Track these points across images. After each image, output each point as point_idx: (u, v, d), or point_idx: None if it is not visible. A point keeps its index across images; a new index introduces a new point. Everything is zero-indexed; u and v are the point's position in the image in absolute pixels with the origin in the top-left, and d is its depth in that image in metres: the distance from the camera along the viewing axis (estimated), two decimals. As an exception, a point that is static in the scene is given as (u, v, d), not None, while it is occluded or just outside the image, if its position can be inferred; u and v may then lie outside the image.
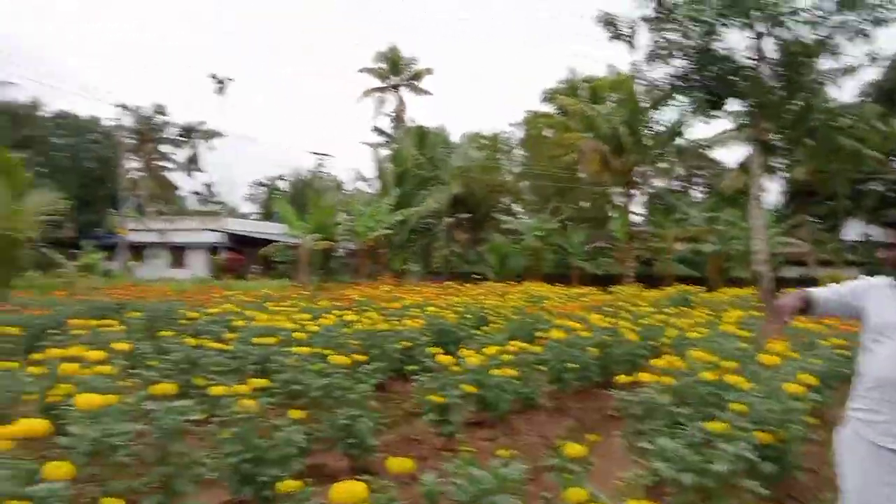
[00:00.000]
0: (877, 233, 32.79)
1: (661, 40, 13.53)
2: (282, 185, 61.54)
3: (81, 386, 3.94)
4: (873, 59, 12.96)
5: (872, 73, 34.23)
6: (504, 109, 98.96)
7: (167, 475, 3.02)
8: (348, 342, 6.93)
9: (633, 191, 32.39)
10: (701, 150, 33.94)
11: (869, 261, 28.69)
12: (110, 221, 38.70)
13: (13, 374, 4.48)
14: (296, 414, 3.81)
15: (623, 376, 4.76)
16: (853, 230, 31.64)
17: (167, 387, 3.41)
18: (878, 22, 12.31)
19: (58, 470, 2.25)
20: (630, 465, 4.20)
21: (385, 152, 35.42)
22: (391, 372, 7.26)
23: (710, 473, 3.00)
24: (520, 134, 44.78)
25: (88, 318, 7.36)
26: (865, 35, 12.50)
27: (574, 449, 3.15)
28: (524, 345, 6.57)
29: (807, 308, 2.91)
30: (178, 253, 42.11)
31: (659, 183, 41.51)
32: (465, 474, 2.48)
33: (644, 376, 4.61)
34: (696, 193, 39.38)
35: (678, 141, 29.34)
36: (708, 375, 4.61)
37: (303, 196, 40.49)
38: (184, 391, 4.97)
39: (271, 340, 6.13)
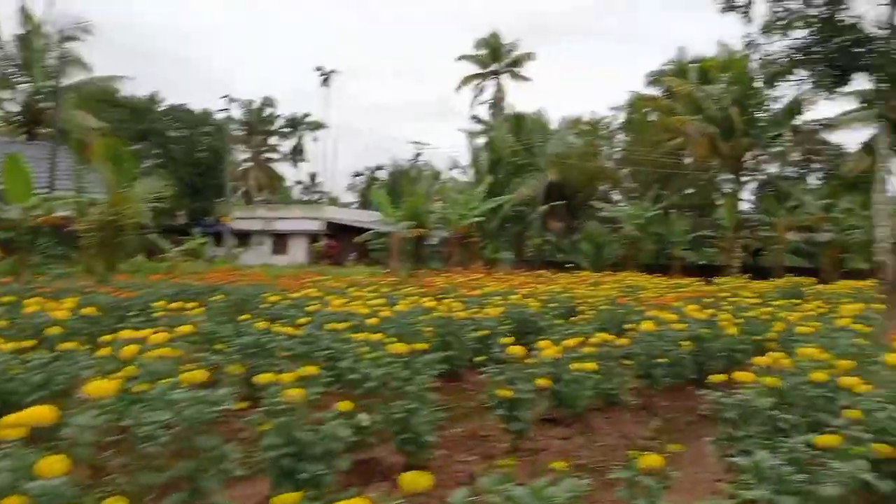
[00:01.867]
0: None
1: (781, 10, 12.44)
2: (380, 174, 62.53)
3: (142, 370, 3.84)
4: None
5: None
6: (608, 92, 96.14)
7: (192, 470, 2.81)
8: (422, 329, 6.65)
9: (742, 176, 30.54)
10: (820, 132, 31.58)
11: None
12: (218, 210, 40.49)
13: (74, 356, 4.45)
14: (344, 406, 3.54)
15: (718, 374, 4.20)
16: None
17: (198, 374, 3.21)
18: None
19: (52, 466, 2.05)
20: (719, 480, 3.67)
21: (481, 140, 35.12)
22: (467, 362, 6.92)
23: (816, 497, 2.47)
24: (622, 118, 43.21)
25: (175, 301, 7.47)
26: None
27: (650, 459, 2.69)
28: (609, 336, 6.07)
29: None
30: (280, 240, 43.57)
31: (772, 168, 39.02)
32: (502, 493, 2.09)
33: (742, 375, 4.03)
34: (813, 180, 36.61)
35: (795, 122, 27.42)
36: (818, 376, 3.99)
37: (400, 185, 40.91)
38: (241, 378, 4.87)
39: (342, 326, 5.93)
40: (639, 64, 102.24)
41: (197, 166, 48.64)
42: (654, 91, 38.23)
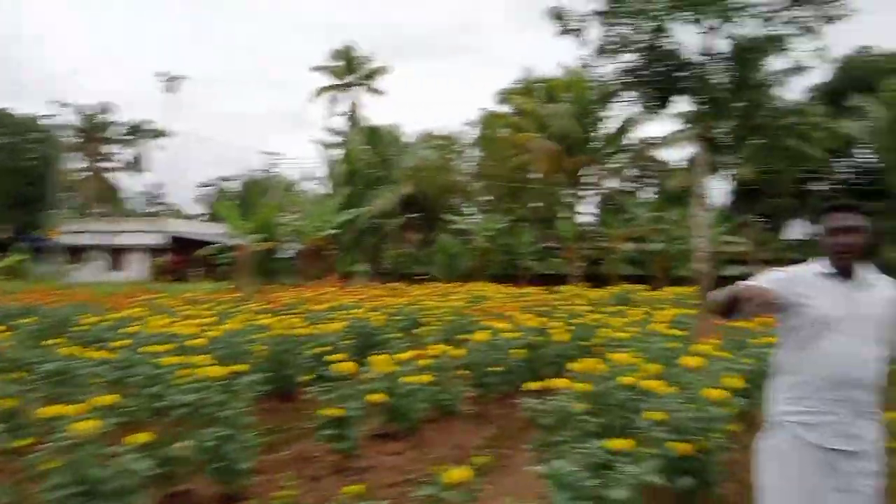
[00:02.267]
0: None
1: (611, 35, 13.27)
2: (231, 185, 60.06)
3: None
4: (821, 56, 12.89)
5: (818, 75, 34.96)
6: (462, 109, 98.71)
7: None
8: (254, 349, 6.37)
9: (583, 190, 32.41)
10: (649, 150, 34.23)
11: (811, 259, 29.14)
12: (47, 223, 37.06)
13: None
14: (142, 437, 3.26)
15: (534, 382, 4.32)
16: (796, 229, 32.14)
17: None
18: (829, 19, 12.25)
19: None
20: (534, 488, 3.75)
21: (336, 151, 34.73)
22: (304, 381, 6.71)
23: (607, 501, 2.56)
24: (475, 133, 44.47)
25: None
26: (814, 32, 12.42)
27: (457, 473, 2.68)
28: (445, 347, 6.12)
29: (734, 307, 2.52)
30: (118, 255, 40.59)
31: (610, 183, 41.71)
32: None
33: (558, 381, 4.17)
34: (646, 194, 39.59)
35: (628, 139, 29.48)
36: (627, 380, 4.21)
37: (251, 196, 39.47)
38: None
39: (162, 348, 5.53)
40: (491, 82, 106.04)
41: (24, 176, 44.28)
42: (504, 108, 39.72)
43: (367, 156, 32.50)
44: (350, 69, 46.28)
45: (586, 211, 36.35)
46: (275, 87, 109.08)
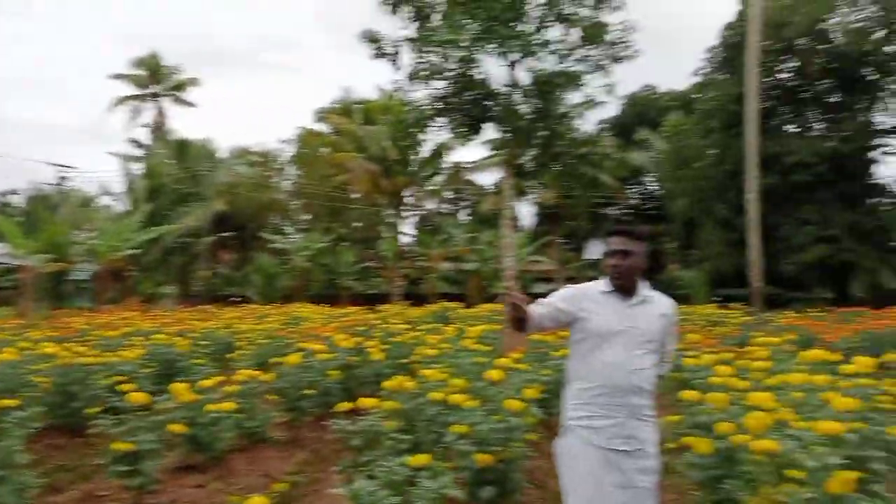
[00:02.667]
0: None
1: (422, 62, 13.63)
2: (15, 200, 53.64)
3: None
4: (609, 91, 14.12)
5: (611, 110, 38.63)
6: (278, 126, 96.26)
7: None
8: (36, 380, 5.71)
9: (403, 211, 33.01)
10: (464, 174, 35.72)
11: (599, 277, 31.95)
12: None
13: None
14: None
15: (349, 403, 4.29)
16: (594, 249, 35.06)
17: None
18: (616, 59, 13.46)
19: None
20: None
21: (139, 165, 32.32)
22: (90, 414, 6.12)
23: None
24: (292, 151, 43.64)
25: None
26: (604, 69, 13.60)
27: (254, 502, 2.57)
28: (254, 372, 5.89)
29: (524, 324, 2.77)
30: None
31: (429, 205, 42.87)
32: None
33: (367, 401, 4.17)
34: (462, 215, 41.20)
35: (444, 163, 30.54)
36: (436, 395, 4.32)
37: (38, 213, 35.51)
38: None
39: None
40: (310, 100, 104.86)
41: None
42: (322, 127, 39.47)
43: (175, 170, 30.68)
44: (155, 79, 43.57)
45: (406, 231, 37.08)
46: (71, 96, 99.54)
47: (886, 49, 24.59)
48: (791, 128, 25.74)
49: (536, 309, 2.82)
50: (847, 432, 2.98)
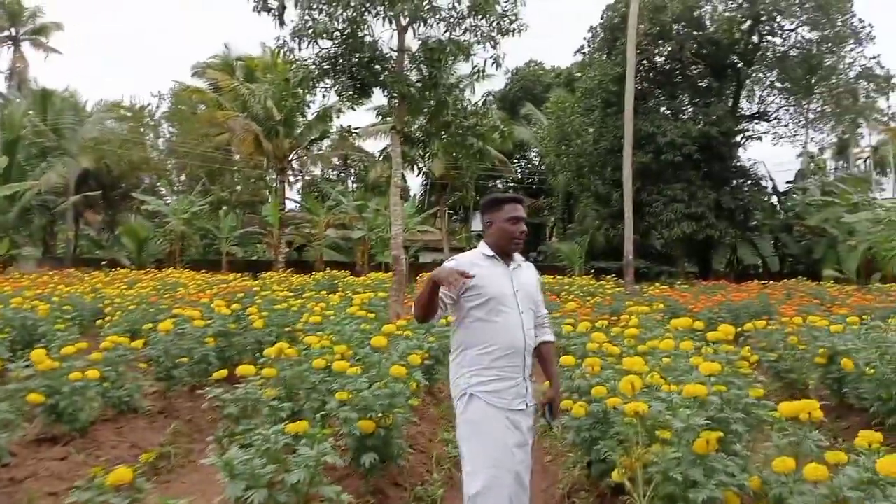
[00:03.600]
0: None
1: (308, 19, 13.13)
2: None
3: None
4: (497, 64, 14.21)
5: (498, 83, 39.09)
6: (151, 78, 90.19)
7: None
8: None
9: (288, 175, 32.06)
10: (353, 139, 35.08)
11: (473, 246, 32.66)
12: None
13: None
14: None
15: (222, 371, 4.11)
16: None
17: None
18: (503, 31, 13.52)
19: None
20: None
21: (-8, 115, 29.39)
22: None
23: (286, 486, 2.52)
24: (166, 107, 41.08)
25: None
26: (493, 41, 13.64)
27: (119, 474, 2.40)
28: (122, 339, 5.54)
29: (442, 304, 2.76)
30: None
31: (316, 170, 41.90)
32: None
33: (245, 369, 4.02)
34: (351, 182, 40.61)
35: (331, 127, 29.81)
36: (318, 363, 4.23)
37: None
38: None
39: None
40: (184, 54, 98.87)
41: None
42: (200, 83, 37.40)
43: (35, 122, 28.18)
44: (14, 20, 39.67)
45: (292, 197, 36.08)
46: None
47: (752, 38, 26.35)
48: (665, 109, 27.13)
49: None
50: (710, 395, 3.19)
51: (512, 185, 37.59)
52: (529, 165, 40.29)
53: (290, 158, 30.67)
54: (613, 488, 3.52)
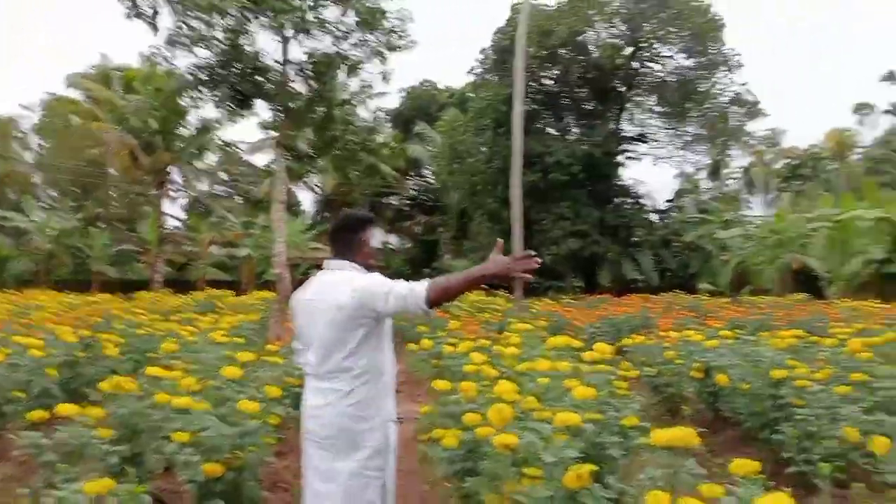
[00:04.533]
0: (391, 240, 37.31)
1: (184, 26, 12.43)
2: None
3: None
4: (386, 79, 13.98)
5: (392, 101, 38.93)
6: (22, 90, 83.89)
7: None
8: None
9: (168, 191, 30.40)
10: (238, 153, 33.86)
11: (386, 266, 32.33)
12: None
13: None
14: None
15: (40, 411, 3.55)
16: (374, 238, 35.22)
17: None
18: (392, 47, 13.33)
19: None
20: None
21: None
22: None
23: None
24: (36, 119, 38.11)
25: None
26: (381, 56, 13.41)
27: None
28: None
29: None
30: None
31: (200, 185, 40.00)
32: None
33: (68, 408, 3.46)
34: (237, 198, 39.05)
35: (214, 140, 28.61)
36: (162, 398, 3.73)
37: None
38: None
39: None
40: (56, 65, 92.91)
41: None
42: (74, 94, 34.96)
43: None
44: None
45: (173, 213, 34.20)
46: None
47: (633, 64, 27.59)
48: (553, 130, 27.86)
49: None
50: (585, 422, 2.99)
51: (407, 201, 37.47)
52: (423, 183, 40.34)
53: (169, 173, 29.12)
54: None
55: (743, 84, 28.34)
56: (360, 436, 2.54)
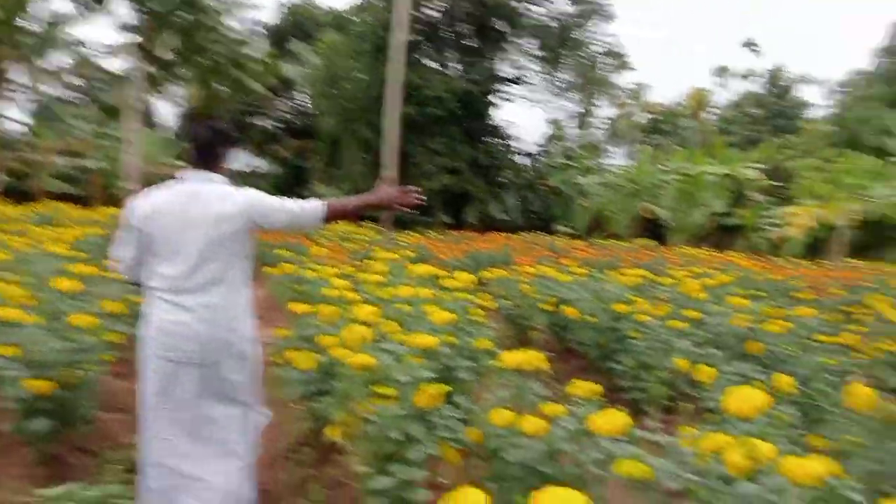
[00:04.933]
0: (258, 163, 35.86)
1: None
2: None
3: None
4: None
5: (269, 16, 36.67)
6: None
7: None
8: None
9: (8, 91, 27.20)
10: (93, 56, 30.82)
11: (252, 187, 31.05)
12: None
13: None
14: None
15: None
16: (240, 160, 33.70)
17: None
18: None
19: None
20: None
21: None
22: None
23: None
24: None
25: None
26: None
27: None
28: None
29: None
30: None
31: (47, 88, 36.09)
32: None
33: None
34: (89, 105, 35.68)
35: (63, 39, 25.81)
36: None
37: None
38: None
39: None
40: None
41: None
42: None
43: None
44: None
45: (13, 117, 30.74)
46: None
47: (514, 4, 27.63)
48: (432, 63, 27.51)
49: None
50: (441, 345, 3.03)
51: (278, 124, 35.97)
52: (296, 106, 38.74)
53: (9, 70, 26.02)
54: (336, 445, 3.27)
55: (612, 35, 29.32)
56: (236, 347, 2.49)
